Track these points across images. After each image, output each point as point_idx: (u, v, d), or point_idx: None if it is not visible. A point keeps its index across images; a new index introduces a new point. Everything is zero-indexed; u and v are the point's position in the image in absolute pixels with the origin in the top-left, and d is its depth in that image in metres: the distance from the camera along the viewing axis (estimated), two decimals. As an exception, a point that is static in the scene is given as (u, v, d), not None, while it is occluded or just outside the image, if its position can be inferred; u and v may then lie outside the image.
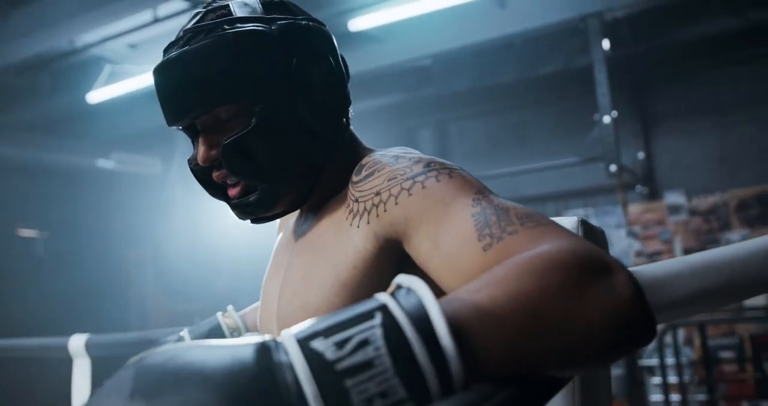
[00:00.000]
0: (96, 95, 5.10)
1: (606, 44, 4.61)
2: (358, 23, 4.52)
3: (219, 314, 1.38)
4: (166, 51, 0.92)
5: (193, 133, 0.96)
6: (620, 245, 5.30)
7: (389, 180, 0.83)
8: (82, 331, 1.78)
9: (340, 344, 0.45)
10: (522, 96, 5.74)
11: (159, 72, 0.90)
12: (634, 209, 5.38)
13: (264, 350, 0.46)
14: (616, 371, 3.97)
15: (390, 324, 0.46)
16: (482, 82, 5.51)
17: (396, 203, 0.80)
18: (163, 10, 4.54)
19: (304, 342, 0.46)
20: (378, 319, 0.47)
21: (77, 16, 4.56)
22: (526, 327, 0.51)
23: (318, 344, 0.46)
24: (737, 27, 4.72)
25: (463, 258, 0.69)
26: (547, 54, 5.18)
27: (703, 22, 4.84)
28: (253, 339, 0.47)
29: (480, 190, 0.77)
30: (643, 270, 0.96)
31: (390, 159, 0.87)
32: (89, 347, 1.73)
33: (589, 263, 0.57)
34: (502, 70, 5.38)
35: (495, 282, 0.54)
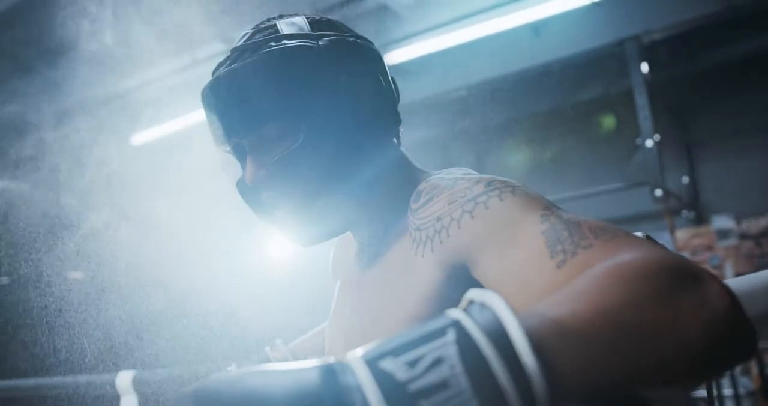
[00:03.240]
0: (140, 137, 5.22)
1: (645, 67, 4.55)
2: (392, 57, 4.54)
3: (267, 349, 1.36)
4: (214, 71, 0.91)
5: (241, 155, 0.95)
6: (670, 271, 5.15)
7: (449, 204, 0.78)
8: (133, 366, 1.77)
9: (412, 364, 0.42)
10: (562, 123, 5.68)
11: (207, 92, 0.89)
12: (681, 234, 5.24)
13: (329, 373, 0.42)
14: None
15: (465, 341, 0.43)
16: (521, 111, 5.47)
17: (459, 227, 0.75)
18: (202, 53, 4.64)
19: (372, 363, 0.42)
20: (451, 336, 0.43)
21: (119, 62, 4.69)
22: (613, 343, 0.46)
23: (388, 365, 0.42)
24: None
25: (536, 278, 0.64)
26: (585, 80, 5.14)
27: (743, 42, 4.75)
28: (317, 362, 0.44)
29: (547, 206, 0.72)
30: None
31: (448, 182, 0.83)
32: (137, 383, 1.72)
33: (678, 271, 0.52)
34: (540, 98, 5.35)
35: (576, 295, 0.50)
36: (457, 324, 0.44)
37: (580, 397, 0.45)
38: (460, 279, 0.77)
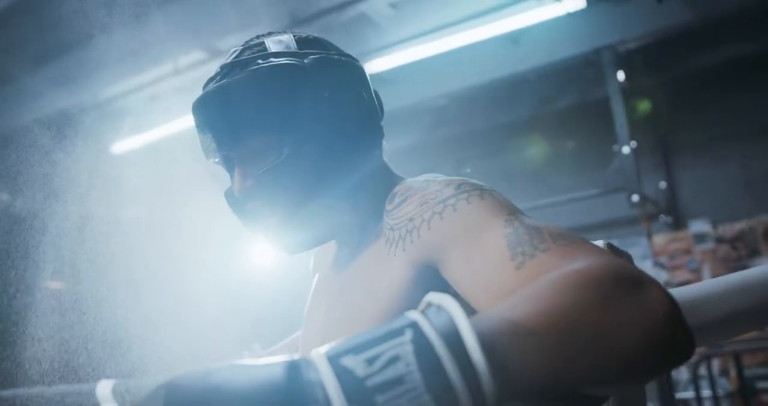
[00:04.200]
0: (120, 146, 5.19)
1: (621, 76, 4.62)
2: (372, 66, 4.57)
3: (245, 354, 1.38)
4: (205, 86, 0.95)
5: (229, 167, 0.98)
6: (647, 276, 5.21)
7: (421, 205, 0.82)
8: (113, 376, 1.77)
9: (371, 361, 0.45)
10: (539, 131, 5.74)
11: (196, 106, 0.93)
12: (659, 239, 5.31)
13: (294, 368, 0.45)
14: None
15: (420, 340, 0.46)
16: (499, 119, 5.52)
17: (429, 228, 0.79)
18: (183, 61, 4.64)
19: (334, 360, 0.45)
20: (408, 335, 0.46)
21: (100, 70, 4.67)
22: (559, 343, 0.50)
23: (348, 361, 0.45)
24: (753, 52, 4.72)
25: (497, 278, 0.68)
26: (562, 88, 5.20)
27: (718, 50, 4.84)
28: (283, 358, 0.47)
29: (512, 211, 0.76)
30: (674, 293, 0.94)
31: (421, 184, 0.87)
32: (116, 392, 1.71)
33: (623, 278, 0.56)
34: (518, 106, 5.40)
35: (528, 299, 0.54)
36: (414, 325, 0.47)
37: (530, 394, 0.48)
38: (430, 279, 0.80)
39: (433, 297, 0.51)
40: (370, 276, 0.89)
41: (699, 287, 1.01)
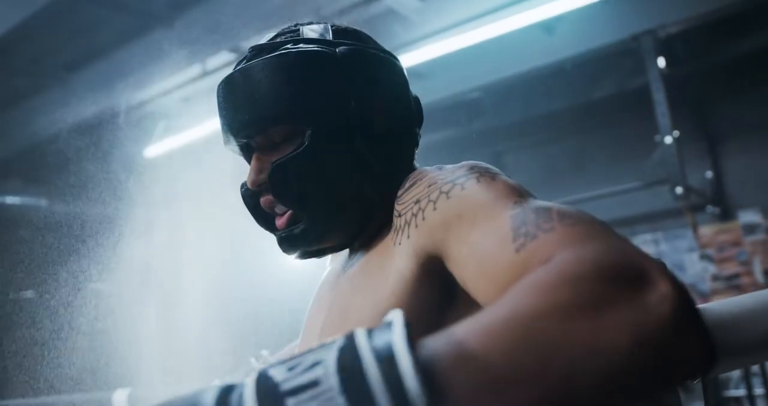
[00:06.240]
0: (153, 150, 5.22)
1: (662, 62, 4.44)
2: (404, 60, 4.47)
3: (252, 360, 1.34)
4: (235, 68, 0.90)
5: (249, 158, 0.92)
6: (694, 269, 5.04)
7: (429, 186, 0.76)
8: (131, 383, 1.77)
9: (292, 368, 0.42)
10: (577, 122, 5.59)
11: (220, 87, 0.88)
12: (707, 231, 5.12)
13: (227, 389, 0.43)
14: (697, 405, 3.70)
15: (347, 347, 0.42)
16: (535, 110, 5.40)
17: (434, 209, 0.72)
18: (211, 63, 4.64)
19: (261, 372, 0.43)
20: (337, 344, 0.43)
21: (130, 75, 4.70)
22: (519, 357, 0.41)
23: (272, 371, 0.43)
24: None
25: (496, 263, 0.60)
26: (600, 77, 5.05)
27: (761, 33, 4.64)
28: (223, 382, 0.45)
29: (523, 194, 0.69)
30: (713, 307, 0.84)
31: (432, 169, 0.81)
32: (132, 400, 1.72)
33: (617, 273, 0.46)
34: (554, 97, 5.27)
35: (495, 307, 0.46)
36: (349, 336, 0.43)
37: None
38: (435, 274, 0.73)
39: (388, 315, 0.46)
40: (374, 272, 0.81)
41: (739, 301, 0.91)
